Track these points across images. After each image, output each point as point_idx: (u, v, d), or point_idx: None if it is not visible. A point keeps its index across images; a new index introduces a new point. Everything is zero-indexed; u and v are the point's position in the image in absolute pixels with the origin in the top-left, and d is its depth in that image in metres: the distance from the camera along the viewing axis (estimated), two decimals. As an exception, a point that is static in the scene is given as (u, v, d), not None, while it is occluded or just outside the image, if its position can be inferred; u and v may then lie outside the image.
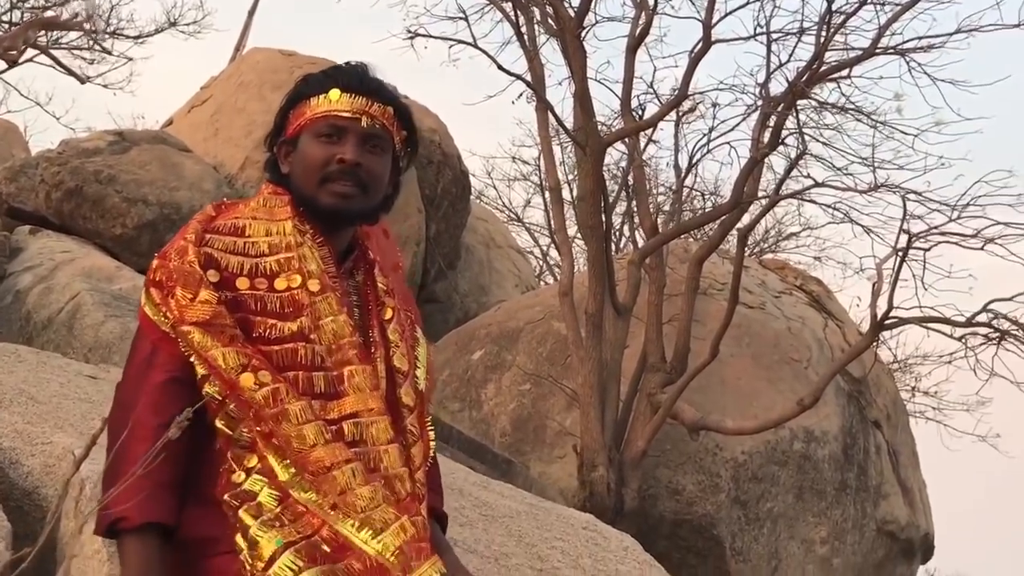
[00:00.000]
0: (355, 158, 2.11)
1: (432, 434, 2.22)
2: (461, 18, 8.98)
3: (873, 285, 8.07)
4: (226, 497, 1.93)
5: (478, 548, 3.14)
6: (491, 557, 3.11)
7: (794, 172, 8.41)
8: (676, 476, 8.33)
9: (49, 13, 12.89)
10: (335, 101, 2.13)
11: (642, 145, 9.81)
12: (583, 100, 8.37)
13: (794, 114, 8.09)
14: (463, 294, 12.52)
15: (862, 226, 8.58)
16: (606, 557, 3.47)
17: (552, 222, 13.15)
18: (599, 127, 8.76)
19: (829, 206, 8.74)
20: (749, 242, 9.48)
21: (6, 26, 14.06)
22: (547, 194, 14.41)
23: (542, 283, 16.60)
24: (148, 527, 1.91)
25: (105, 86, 13.96)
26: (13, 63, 12.36)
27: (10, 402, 2.93)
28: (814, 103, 8.51)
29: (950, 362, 9.53)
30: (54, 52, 12.48)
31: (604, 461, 7.91)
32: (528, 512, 3.79)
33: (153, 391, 1.96)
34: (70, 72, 12.76)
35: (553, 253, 18.74)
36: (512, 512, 3.68)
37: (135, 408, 1.95)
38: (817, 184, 8.24)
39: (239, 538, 1.89)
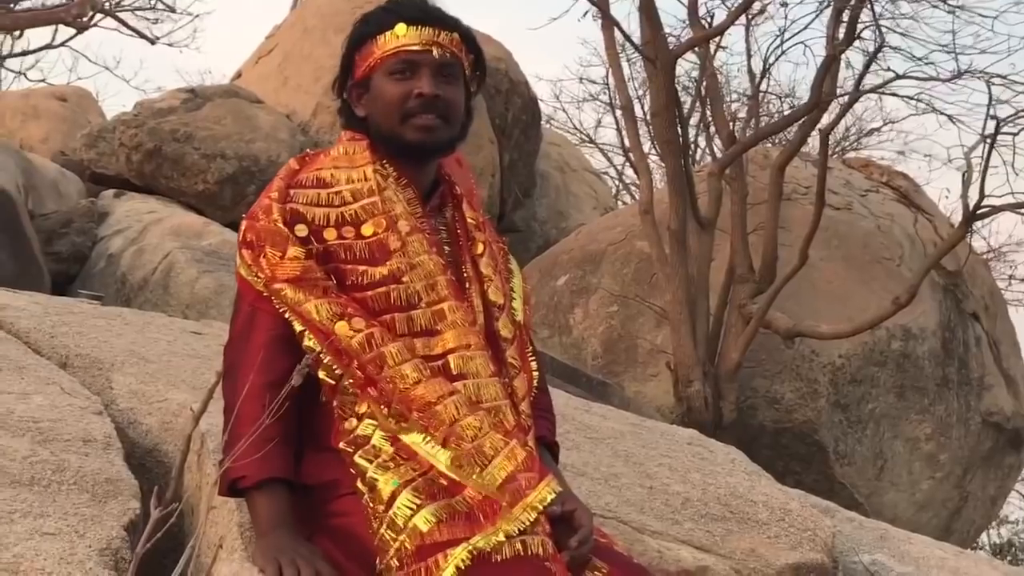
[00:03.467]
0: (433, 90, 2.09)
1: (535, 364, 2.23)
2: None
3: (962, 175, 7.87)
4: (341, 445, 1.96)
5: (587, 471, 3.16)
6: (600, 479, 3.13)
7: (873, 66, 8.20)
8: (773, 385, 8.29)
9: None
10: (403, 36, 2.10)
11: (712, 52, 9.64)
12: (649, 13, 8.23)
13: (869, 6, 7.87)
14: (542, 221, 12.50)
15: (947, 115, 8.38)
16: (714, 471, 3.46)
17: (626, 140, 13.03)
18: (668, 39, 8.62)
19: (911, 98, 8.54)
20: (830, 142, 9.28)
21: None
22: (619, 112, 14.23)
23: (620, 203, 16.50)
24: (267, 483, 1.96)
25: (171, 44, 14.12)
26: (83, 29, 12.51)
27: (122, 364, 3.00)
28: (889, -7, 8.27)
29: (1046, 246, 9.31)
30: (119, 14, 12.57)
31: (699, 376, 7.90)
32: (632, 432, 3.80)
33: (257, 351, 1.99)
34: (139, 34, 12.87)
35: (629, 172, 18.60)
36: (616, 433, 3.69)
37: (242, 370, 1.99)
38: (898, 76, 8.03)
39: (359, 483, 1.92)
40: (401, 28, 2.11)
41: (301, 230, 2.02)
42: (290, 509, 1.97)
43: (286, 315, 1.99)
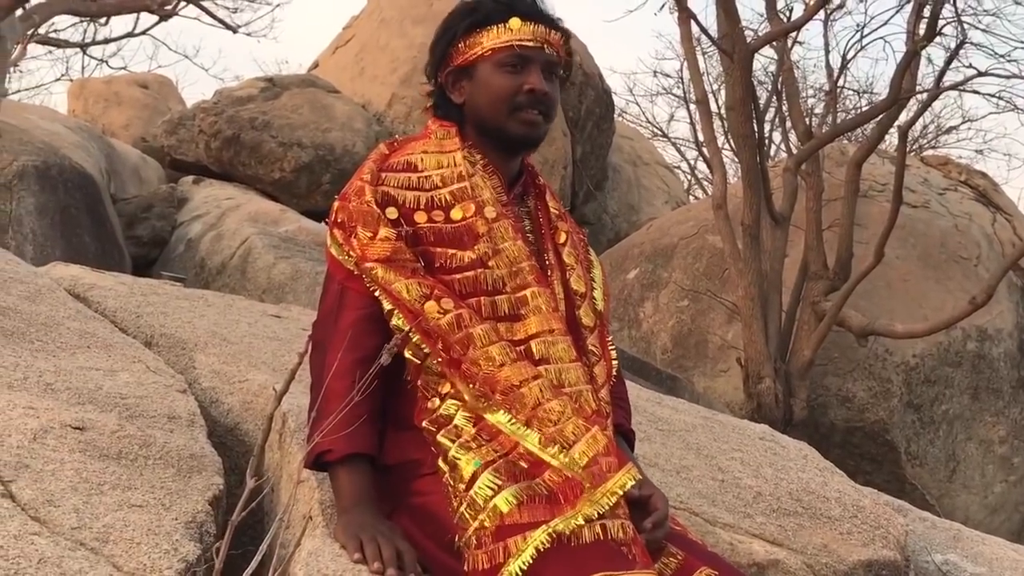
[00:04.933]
0: (543, 87, 2.12)
1: (614, 352, 2.26)
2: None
3: (1044, 174, 7.71)
4: (424, 424, 2.00)
5: (658, 462, 3.17)
6: (672, 470, 3.14)
7: (954, 63, 8.08)
8: (846, 384, 8.22)
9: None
10: (517, 30, 2.13)
11: (789, 47, 9.55)
12: (727, 6, 8.17)
13: (951, 2, 7.76)
14: (613, 214, 12.50)
15: (1029, 113, 8.22)
16: (786, 466, 3.45)
17: (701, 134, 12.98)
18: (745, 32, 8.56)
19: (992, 95, 8.43)
20: (908, 139, 9.16)
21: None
22: (692, 107, 14.18)
23: (692, 198, 16.44)
24: (352, 458, 2.00)
25: (249, 34, 14.30)
26: (167, 17, 12.72)
27: (205, 344, 3.07)
28: (972, -12, 8.13)
29: None
30: (202, 3, 12.75)
31: (770, 372, 7.85)
32: (703, 425, 3.80)
33: (346, 329, 2.03)
34: (221, 22, 13.05)
35: (701, 167, 18.53)
36: (688, 426, 3.69)
37: (331, 347, 2.03)
38: (980, 73, 7.91)
39: (440, 461, 1.96)
40: (515, 22, 2.13)
41: (392, 212, 2.06)
42: (372, 486, 2.01)
43: (376, 294, 2.03)
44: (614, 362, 2.24)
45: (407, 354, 2.02)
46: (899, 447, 8.14)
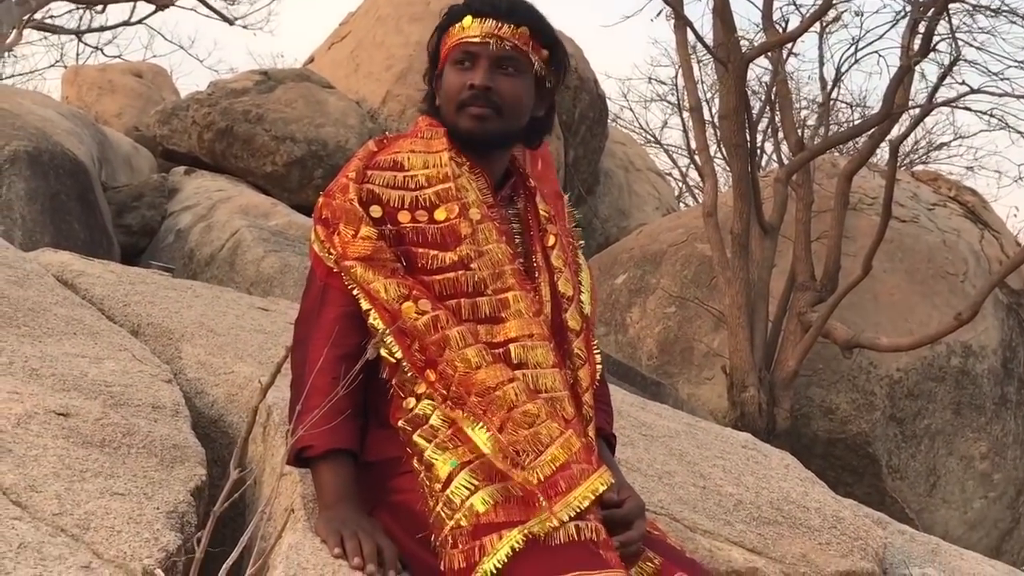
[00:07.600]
0: (483, 82, 2.12)
1: (599, 356, 2.26)
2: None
3: (1032, 193, 7.74)
4: (400, 423, 1.99)
5: (640, 467, 3.18)
6: (654, 476, 3.15)
7: (947, 79, 8.11)
8: (829, 395, 8.24)
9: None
10: (467, 28, 2.15)
11: (784, 57, 9.58)
12: (723, 15, 8.20)
13: (946, 19, 7.79)
14: (603, 219, 12.50)
15: (1020, 132, 8.27)
16: (768, 475, 3.47)
17: (694, 142, 12.99)
18: (740, 42, 8.58)
19: (984, 113, 8.43)
20: (899, 154, 9.19)
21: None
22: (686, 114, 14.21)
23: (682, 205, 16.46)
24: (334, 453, 2.00)
25: (246, 27, 14.30)
26: (165, 6, 12.68)
27: (191, 335, 3.07)
28: (967, 6, 8.17)
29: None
30: (197, -6, 12.76)
31: (755, 381, 7.87)
32: (687, 432, 3.81)
33: (328, 325, 2.03)
34: (219, 14, 13.03)
35: (692, 174, 18.54)
36: (671, 432, 3.70)
37: (312, 344, 2.03)
38: (972, 91, 7.93)
39: (415, 461, 1.95)
40: (468, 20, 2.15)
41: (376, 211, 2.06)
42: (354, 482, 2.01)
43: (355, 292, 2.03)
44: (598, 366, 2.24)
45: (383, 353, 2.01)
46: (880, 460, 8.16)
